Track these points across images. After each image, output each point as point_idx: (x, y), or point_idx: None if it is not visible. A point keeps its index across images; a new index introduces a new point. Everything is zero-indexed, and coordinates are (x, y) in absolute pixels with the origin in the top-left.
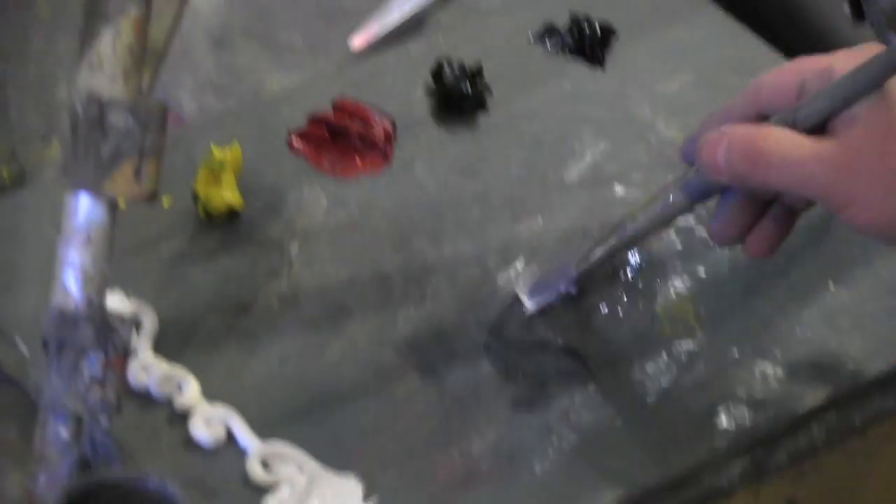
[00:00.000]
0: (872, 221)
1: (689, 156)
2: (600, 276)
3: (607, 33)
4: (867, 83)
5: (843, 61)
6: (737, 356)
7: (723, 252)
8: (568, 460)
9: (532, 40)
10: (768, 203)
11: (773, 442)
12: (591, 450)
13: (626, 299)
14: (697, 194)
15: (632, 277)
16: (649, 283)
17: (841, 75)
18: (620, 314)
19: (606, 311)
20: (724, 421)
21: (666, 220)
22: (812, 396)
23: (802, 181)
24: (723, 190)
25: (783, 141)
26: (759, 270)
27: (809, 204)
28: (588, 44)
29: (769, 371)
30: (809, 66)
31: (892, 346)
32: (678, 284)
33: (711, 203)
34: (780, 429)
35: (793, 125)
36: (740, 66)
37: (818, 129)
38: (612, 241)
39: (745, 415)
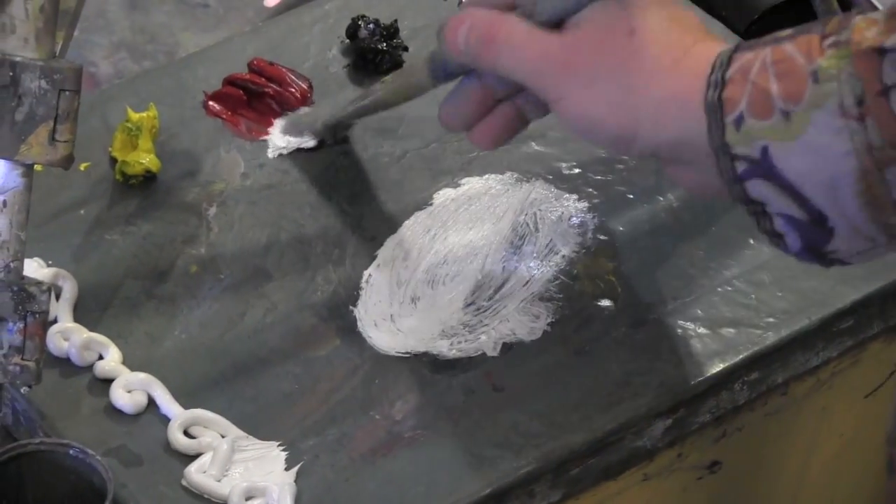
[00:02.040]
0: (576, 115)
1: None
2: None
3: None
4: None
5: None
6: (658, 314)
7: (642, 209)
8: (490, 423)
9: None
10: (499, 101)
11: (695, 401)
12: (514, 412)
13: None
14: (441, 72)
15: (551, 239)
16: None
17: None
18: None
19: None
20: (646, 381)
21: (411, 92)
22: (733, 355)
23: (525, 71)
24: (463, 74)
25: (516, 30)
26: (681, 226)
27: (539, 109)
28: None
29: (691, 329)
30: None
31: (813, 302)
32: (598, 243)
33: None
34: (702, 388)
35: (531, 17)
36: None
37: (557, 23)
38: (363, 102)
39: (666, 374)
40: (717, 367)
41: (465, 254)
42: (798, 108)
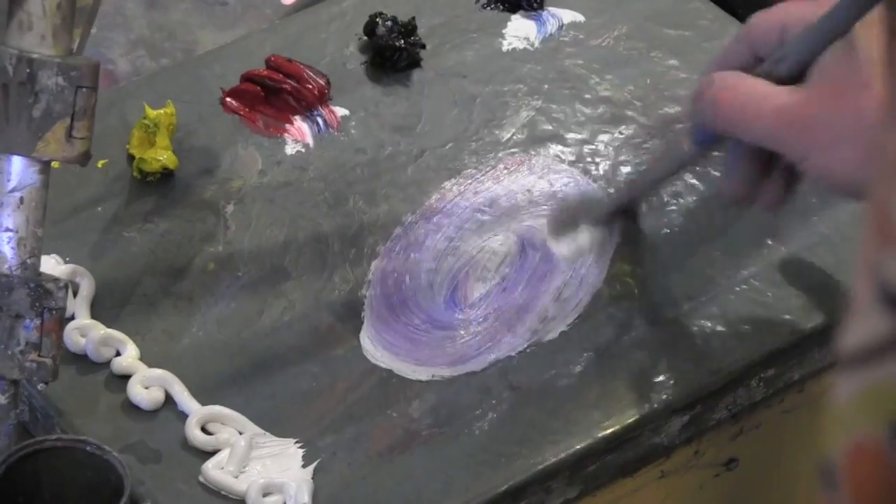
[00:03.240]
0: (822, 174)
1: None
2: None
3: None
4: (833, 29)
5: (821, 4)
6: (675, 313)
7: (660, 211)
8: (507, 421)
9: None
10: (772, 156)
11: (712, 398)
12: (531, 410)
13: None
14: (702, 139)
15: None
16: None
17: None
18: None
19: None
20: (663, 378)
21: (679, 165)
22: (751, 352)
23: (764, 134)
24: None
25: (754, 92)
26: (697, 227)
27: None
28: None
29: (708, 327)
30: (793, 9)
31: (830, 300)
32: (616, 244)
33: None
34: (719, 385)
35: (772, 74)
36: (675, 18)
37: (798, 76)
38: (632, 190)
39: (684, 371)
40: (733, 365)
41: (483, 256)
42: None
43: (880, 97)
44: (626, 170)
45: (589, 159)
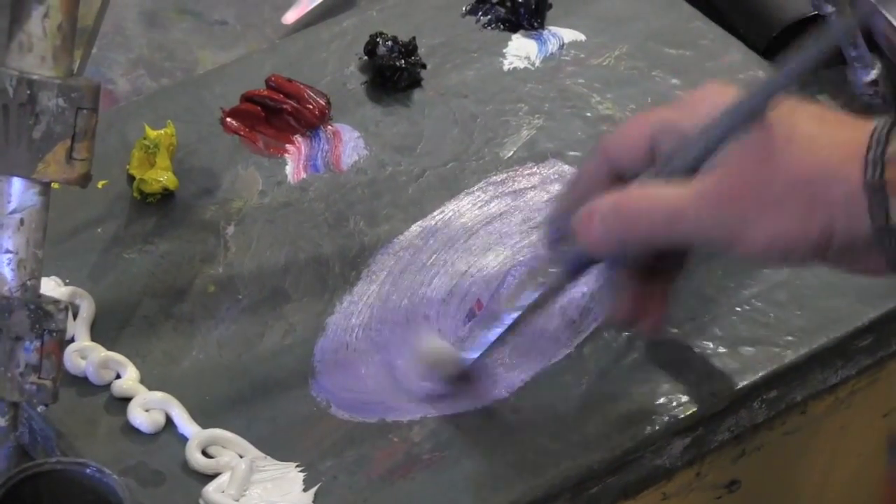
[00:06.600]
0: (766, 243)
1: (556, 233)
2: None
3: (542, 4)
4: (748, 115)
5: (687, 111)
6: (676, 335)
7: None
8: (508, 443)
9: (465, 13)
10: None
11: (714, 420)
12: (532, 433)
13: None
14: (575, 267)
15: None
16: None
17: (716, 114)
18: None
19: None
20: (664, 400)
21: (548, 299)
22: (752, 373)
23: (691, 227)
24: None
25: (660, 194)
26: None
27: (680, 266)
28: (523, 15)
29: (709, 348)
30: (654, 120)
31: (832, 321)
32: None
33: None
34: (721, 407)
35: (662, 175)
36: (676, 38)
37: (692, 172)
38: (497, 331)
39: (685, 394)
40: (735, 386)
41: (481, 276)
42: None
43: (807, 142)
44: None
45: None
